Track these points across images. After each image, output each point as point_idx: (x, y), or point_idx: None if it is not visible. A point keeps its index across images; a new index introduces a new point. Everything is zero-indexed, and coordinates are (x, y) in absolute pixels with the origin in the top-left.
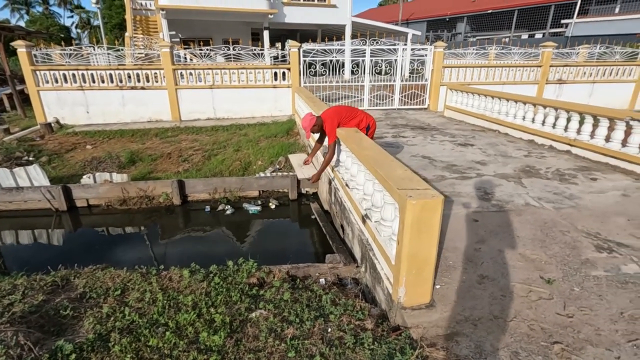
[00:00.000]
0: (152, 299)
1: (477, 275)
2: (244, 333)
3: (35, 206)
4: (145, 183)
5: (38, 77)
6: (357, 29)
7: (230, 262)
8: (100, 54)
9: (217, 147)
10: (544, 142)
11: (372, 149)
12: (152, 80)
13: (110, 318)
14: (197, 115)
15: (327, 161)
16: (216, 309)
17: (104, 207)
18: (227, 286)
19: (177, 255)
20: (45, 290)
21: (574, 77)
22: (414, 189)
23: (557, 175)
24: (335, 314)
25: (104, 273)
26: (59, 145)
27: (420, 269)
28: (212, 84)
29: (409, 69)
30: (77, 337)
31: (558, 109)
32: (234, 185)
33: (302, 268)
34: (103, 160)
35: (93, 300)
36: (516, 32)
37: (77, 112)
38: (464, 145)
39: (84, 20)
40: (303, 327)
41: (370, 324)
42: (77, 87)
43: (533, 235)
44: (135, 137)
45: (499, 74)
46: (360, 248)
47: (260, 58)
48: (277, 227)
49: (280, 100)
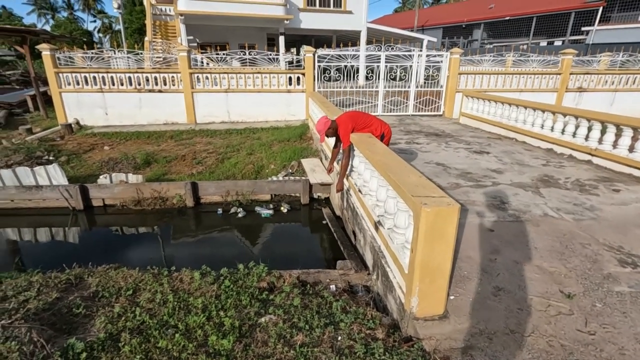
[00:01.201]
0: (162, 300)
1: (492, 287)
2: (253, 338)
3: (53, 204)
4: (159, 184)
5: (60, 79)
6: (372, 35)
7: (240, 265)
8: (120, 58)
9: (230, 150)
10: (563, 151)
11: (385, 155)
12: (169, 84)
13: (122, 318)
14: (211, 119)
15: (345, 166)
16: (226, 313)
17: (118, 207)
18: (237, 290)
19: (188, 257)
20: (60, 288)
21: (594, 85)
22: (428, 196)
23: (576, 186)
24: (346, 322)
25: (116, 272)
26: (78, 145)
27: (434, 278)
28: (227, 87)
29: (423, 75)
30: (88, 335)
31: (579, 117)
32: (246, 188)
33: (313, 274)
34: (119, 161)
35: (105, 300)
36: (534, 39)
37: (96, 113)
38: (479, 152)
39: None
40: (313, 334)
41: (381, 334)
42: (97, 90)
43: (551, 247)
44: (150, 139)
45: (517, 81)
46: (372, 255)
47: (275, 63)
48: (289, 231)
49: (293, 105)
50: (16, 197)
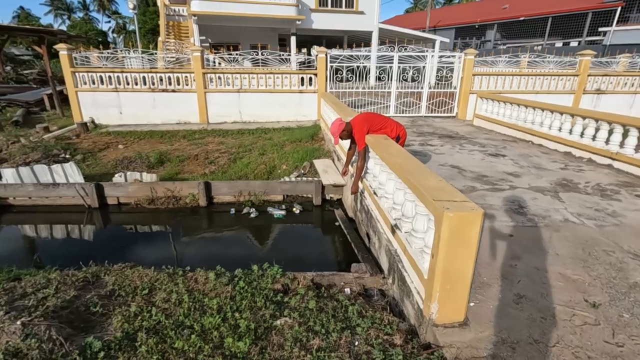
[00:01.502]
0: (178, 300)
1: (513, 294)
2: (268, 341)
3: (69, 202)
4: (172, 183)
5: (77, 79)
6: (384, 36)
7: (255, 266)
8: (134, 58)
9: (242, 151)
10: (582, 154)
11: (402, 157)
12: (182, 84)
13: (138, 317)
14: (223, 119)
15: (361, 168)
16: (241, 314)
17: (133, 206)
18: (251, 291)
19: (201, 256)
20: (77, 286)
21: (613, 88)
22: (450, 200)
23: (597, 191)
24: (363, 326)
25: (132, 271)
26: (93, 144)
27: (455, 285)
28: (239, 88)
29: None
30: (106, 334)
31: (599, 120)
32: (258, 188)
33: (327, 276)
34: (133, 160)
35: (122, 299)
36: (549, 40)
37: (110, 112)
38: (495, 155)
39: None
40: (329, 339)
41: (399, 340)
42: (112, 89)
43: (573, 253)
44: (164, 139)
45: (532, 83)
46: (387, 258)
47: (287, 63)
48: (301, 232)
49: (305, 106)
50: (34, 194)
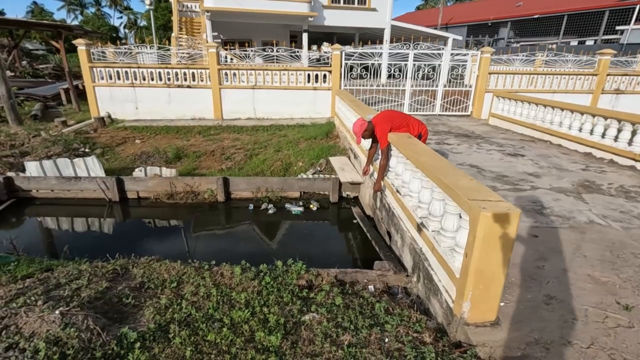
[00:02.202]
0: (206, 293)
1: (543, 295)
2: (298, 335)
3: (90, 195)
4: (191, 179)
5: (94, 74)
6: (396, 33)
7: (279, 262)
8: (147, 53)
9: (258, 147)
10: (603, 155)
11: (430, 156)
12: (197, 80)
13: (169, 309)
14: (238, 115)
15: (383, 167)
16: (269, 309)
17: (152, 200)
18: (277, 286)
19: (221, 251)
20: (108, 277)
21: (633, 88)
22: (485, 200)
23: (621, 192)
24: (392, 323)
25: (159, 264)
26: (111, 138)
27: (488, 284)
28: (254, 84)
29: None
30: (139, 325)
31: (622, 120)
32: (275, 185)
33: (350, 273)
34: (151, 155)
35: (151, 291)
36: (564, 39)
37: (126, 108)
38: (514, 155)
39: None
40: (359, 335)
41: (428, 337)
42: (128, 84)
43: (601, 256)
44: (179, 134)
45: (549, 82)
46: (411, 257)
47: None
48: (319, 229)
49: (319, 103)
50: (56, 187)
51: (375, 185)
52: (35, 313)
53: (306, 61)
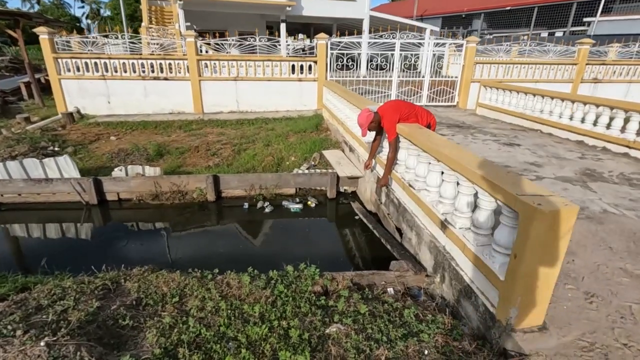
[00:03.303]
0: (214, 308)
1: (582, 293)
2: (327, 352)
3: (64, 198)
4: (178, 177)
5: (60, 65)
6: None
7: (289, 267)
8: (113, 44)
9: (245, 142)
10: (595, 143)
11: (450, 147)
12: (175, 71)
13: (174, 330)
14: (219, 108)
15: (391, 160)
16: (288, 322)
17: (135, 202)
18: (292, 295)
19: (219, 256)
20: (97, 295)
21: (609, 77)
22: (535, 194)
23: (624, 180)
24: (428, 332)
25: (155, 276)
26: (82, 135)
27: (539, 287)
28: (236, 76)
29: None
30: (141, 351)
31: (614, 108)
32: (270, 181)
33: (367, 276)
34: (130, 153)
35: (151, 308)
36: (535, 30)
37: (98, 102)
38: (510, 145)
39: (94, 11)
40: (395, 348)
41: (469, 346)
42: (99, 77)
43: (627, 247)
44: (158, 129)
45: (532, 72)
46: (432, 256)
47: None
48: (320, 227)
49: (305, 95)
50: (24, 190)
51: (382, 180)
52: (15, 346)
53: (285, 52)
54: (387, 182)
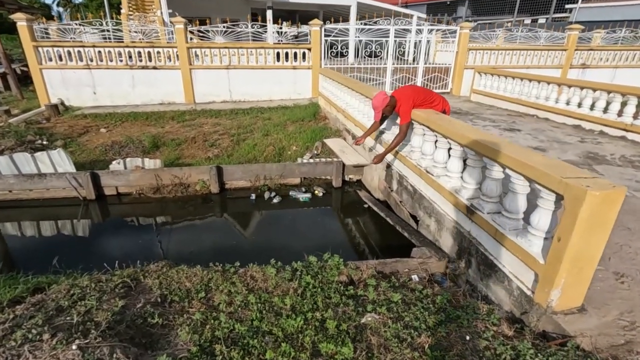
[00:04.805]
0: (243, 302)
1: (611, 273)
2: (369, 342)
3: (59, 194)
4: (180, 170)
5: (40, 54)
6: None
7: (312, 257)
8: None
9: (243, 132)
10: (592, 127)
11: (474, 132)
12: (164, 60)
13: (206, 326)
14: (212, 98)
15: (397, 143)
16: (322, 314)
17: (135, 196)
18: (320, 285)
19: (232, 249)
20: (119, 293)
21: (596, 62)
22: (580, 177)
23: (627, 162)
24: (466, 318)
25: (176, 271)
26: (69, 128)
27: (582, 268)
28: (228, 64)
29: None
30: (177, 350)
31: (611, 92)
32: (275, 171)
33: (390, 264)
34: (125, 145)
35: (177, 305)
36: (518, 17)
37: (83, 93)
38: (511, 130)
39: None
40: (436, 335)
41: (508, 330)
42: (83, 66)
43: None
44: (150, 121)
45: (523, 58)
46: (455, 241)
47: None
48: (330, 216)
49: (300, 83)
50: (16, 187)
51: (378, 157)
52: (46, 351)
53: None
54: (381, 161)
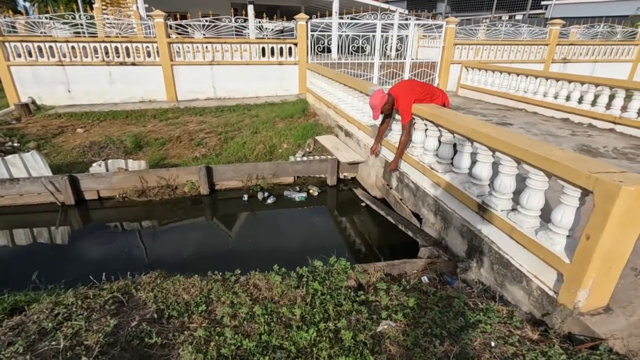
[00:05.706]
0: (248, 313)
1: (629, 270)
2: (388, 354)
3: (33, 200)
4: (166, 170)
5: (8, 50)
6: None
7: (317, 262)
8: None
9: (230, 130)
10: (581, 120)
11: (489, 126)
12: (143, 56)
13: (211, 344)
14: (195, 95)
15: (404, 143)
16: (335, 324)
17: (118, 199)
18: (329, 292)
19: (228, 255)
20: (109, 310)
21: (577, 57)
22: (609, 172)
23: (620, 155)
24: (488, 322)
25: (171, 282)
26: (42, 128)
27: (611, 268)
28: (211, 60)
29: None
30: None
31: (599, 85)
32: (267, 171)
33: (398, 265)
34: (104, 146)
35: (176, 320)
36: (496, 13)
37: (56, 91)
38: (503, 124)
39: None
40: (460, 342)
41: (533, 333)
42: (55, 62)
43: None
44: (130, 119)
45: (507, 53)
46: (465, 240)
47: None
48: (327, 216)
49: (286, 79)
50: None
51: (392, 164)
52: None
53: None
54: (397, 167)
